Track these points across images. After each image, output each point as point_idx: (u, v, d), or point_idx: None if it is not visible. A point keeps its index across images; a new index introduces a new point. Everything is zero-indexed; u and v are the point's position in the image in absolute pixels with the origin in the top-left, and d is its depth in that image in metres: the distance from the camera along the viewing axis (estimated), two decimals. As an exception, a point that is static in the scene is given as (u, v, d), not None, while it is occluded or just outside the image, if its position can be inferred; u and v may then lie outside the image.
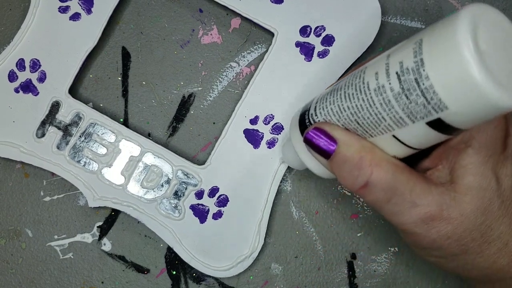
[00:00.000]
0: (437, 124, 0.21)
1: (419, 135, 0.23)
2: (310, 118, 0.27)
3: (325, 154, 0.26)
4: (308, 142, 0.26)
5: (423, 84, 0.20)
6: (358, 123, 0.24)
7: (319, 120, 0.26)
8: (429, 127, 0.22)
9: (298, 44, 0.34)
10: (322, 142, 0.26)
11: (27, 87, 0.34)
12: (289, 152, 0.31)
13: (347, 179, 0.25)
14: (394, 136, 0.23)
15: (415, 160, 0.27)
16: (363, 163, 0.24)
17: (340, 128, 0.25)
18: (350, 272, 0.35)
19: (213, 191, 0.34)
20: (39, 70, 0.34)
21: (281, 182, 0.35)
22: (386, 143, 0.24)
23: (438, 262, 0.27)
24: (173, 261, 0.35)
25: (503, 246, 0.25)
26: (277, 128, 0.34)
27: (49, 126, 0.34)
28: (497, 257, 0.26)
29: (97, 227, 0.35)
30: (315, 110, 0.27)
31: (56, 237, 0.35)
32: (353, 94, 0.24)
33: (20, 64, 0.34)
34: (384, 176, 0.24)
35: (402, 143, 0.24)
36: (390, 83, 0.22)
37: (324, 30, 0.34)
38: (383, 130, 0.24)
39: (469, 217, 0.25)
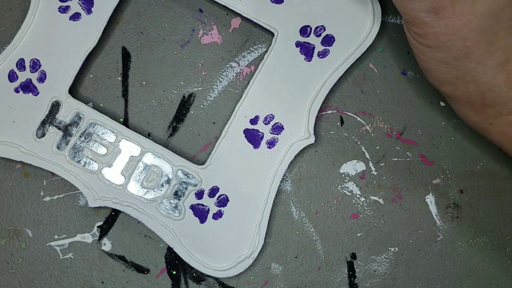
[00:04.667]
0: None
1: None
2: None
3: None
4: None
5: None
6: None
7: None
8: None
9: (298, 44, 0.34)
10: None
11: (27, 87, 0.34)
12: None
13: None
14: None
15: None
16: None
17: None
18: (350, 272, 0.35)
19: (213, 191, 0.34)
20: (39, 70, 0.34)
21: (281, 182, 0.35)
22: None
23: (439, 72, 0.28)
24: (173, 261, 0.35)
25: (504, 62, 0.26)
26: (277, 128, 0.34)
27: (49, 126, 0.34)
28: (497, 71, 0.26)
29: (97, 227, 0.35)
30: None
31: (56, 237, 0.35)
32: None
33: (20, 64, 0.34)
34: None
35: None
36: None
37: (324, 30, 0.34)
38: None
39: (480, 18, 0.25)
